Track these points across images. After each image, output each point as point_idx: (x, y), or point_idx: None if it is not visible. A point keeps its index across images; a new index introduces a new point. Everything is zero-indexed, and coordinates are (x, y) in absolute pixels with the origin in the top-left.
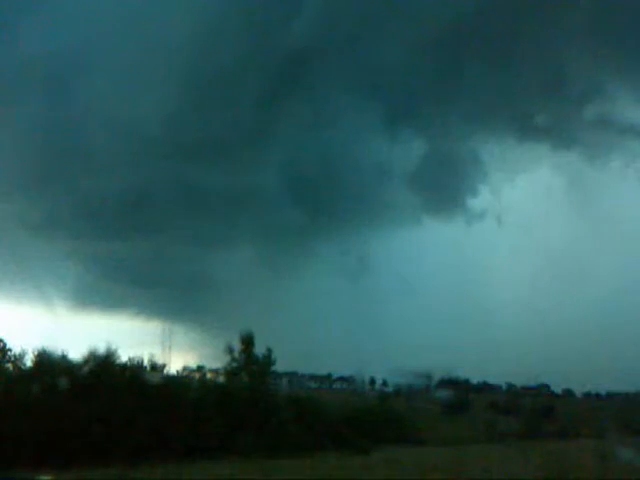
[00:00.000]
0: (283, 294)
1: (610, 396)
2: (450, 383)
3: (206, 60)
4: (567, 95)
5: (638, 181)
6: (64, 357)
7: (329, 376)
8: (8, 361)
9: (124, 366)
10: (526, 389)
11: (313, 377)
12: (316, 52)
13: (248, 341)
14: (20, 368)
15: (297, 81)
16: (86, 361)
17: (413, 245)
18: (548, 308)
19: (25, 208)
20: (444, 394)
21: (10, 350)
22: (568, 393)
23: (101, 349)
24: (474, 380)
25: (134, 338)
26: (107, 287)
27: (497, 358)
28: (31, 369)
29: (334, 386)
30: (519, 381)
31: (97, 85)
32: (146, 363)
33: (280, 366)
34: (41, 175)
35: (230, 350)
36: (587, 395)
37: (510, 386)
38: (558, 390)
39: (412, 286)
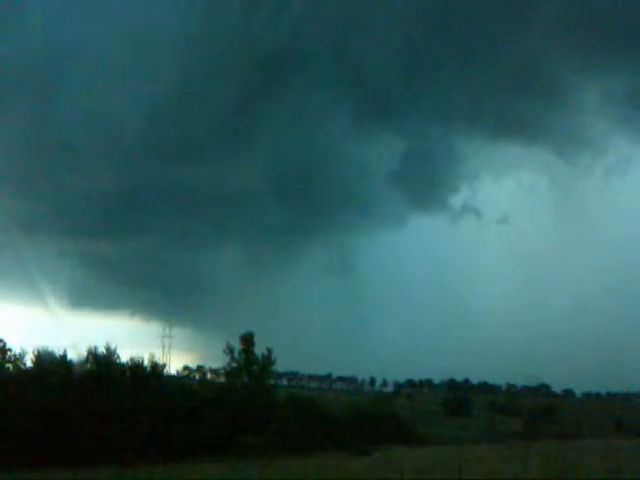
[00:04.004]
0: (273, 292)
1: (610, 396)
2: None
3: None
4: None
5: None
6: (63, 357)
7: (329, 376)
8: (8, 361)
9: (124, 366)
10: (526, 389)
11: (313, 377)
12: (299, 54)
13: (248, 341)
14: (20, 368)
15: (280, 82)
16: (86, 361)
17: (404, 243)
18: (549, 309)
19: (18, 207)
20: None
21: (10, 350)
22: (568, 393)
23: (100, 349)
24: (474, 380)
25: (133, 338)
26: (102, 287)
27: (497, 358)
28: (31, 369)
29: (334, 386)
30: (519, 381)
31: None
32: (146, 363)
33: (280, 366)
34: (33, 174)
35: (230, 350)
36: (587, 395)
37: (510, 386)
38: (558, 390)
39: (402, 284)
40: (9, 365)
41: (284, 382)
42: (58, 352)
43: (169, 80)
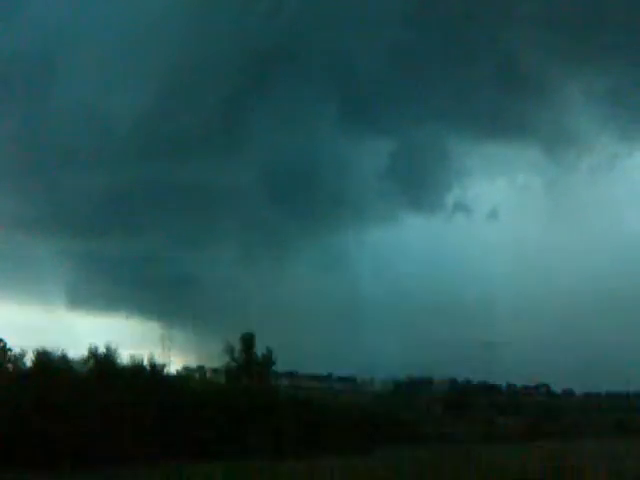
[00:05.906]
0: (269, 292)
1: (610, 396)
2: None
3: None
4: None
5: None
6: (64, 357)
7: (329, 376)
8: (8, 361)
9: (124, 366)
10: (526, 389)
11: (313, 377)
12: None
13: (248, 341)
14: (20, 368)
15: (271, 82)
16: (86, 361)
17: (401, 242)
18: (548, 307)
19: (17, 206)
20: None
21: (10, 350)
22: (568, 393)
23: (100, 349)
24: (474, 380)
25: (133, 338)
26: (101, 287)
27: (497, 358)
28: (31, 369)
29: (334, 386)
30: (519, 381)
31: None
32: (146, 363)
33: (280, 366)
34: (30, 173)
35: (230, 350)
36: (587, 395)
37: (510, 386)
38: (558, 390)
39: (401, 283)
40: (9, 365)
41: (284, 382)
42: (58, 352)
43: (164, 77)
